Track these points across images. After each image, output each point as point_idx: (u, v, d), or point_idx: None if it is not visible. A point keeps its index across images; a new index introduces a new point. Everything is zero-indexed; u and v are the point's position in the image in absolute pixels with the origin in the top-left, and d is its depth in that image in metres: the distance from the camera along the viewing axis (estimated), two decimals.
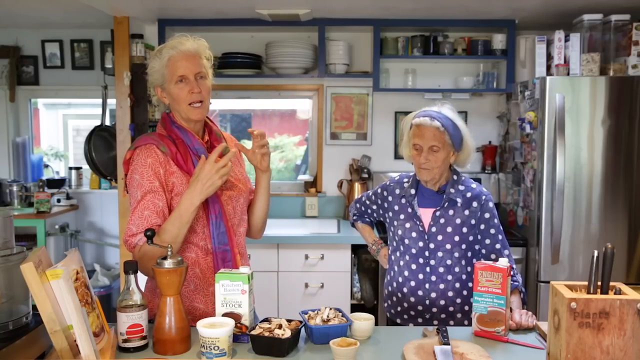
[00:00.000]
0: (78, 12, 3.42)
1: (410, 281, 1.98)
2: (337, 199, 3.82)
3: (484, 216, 1.96)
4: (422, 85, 3.69)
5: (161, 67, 1.66)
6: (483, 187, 2.03)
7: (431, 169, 1.92)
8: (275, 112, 4.47)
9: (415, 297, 1.98)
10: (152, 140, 1.67)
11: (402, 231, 2.01)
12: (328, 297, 3.20)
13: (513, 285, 1.87)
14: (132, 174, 1.64)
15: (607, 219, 2.94)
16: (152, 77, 1.71)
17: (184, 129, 1.70)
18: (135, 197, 1.62)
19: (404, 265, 2.01)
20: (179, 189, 1.65)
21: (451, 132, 1.90)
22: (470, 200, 1.96)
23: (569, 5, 3.06)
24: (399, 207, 2.05)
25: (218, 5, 3.18)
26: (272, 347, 1.43)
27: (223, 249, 1.68)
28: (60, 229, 3.92)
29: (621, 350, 1.21)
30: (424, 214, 1.99)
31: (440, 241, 1.95)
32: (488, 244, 1.96)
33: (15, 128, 4.14)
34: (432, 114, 1.91)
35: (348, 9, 3.28)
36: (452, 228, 1.94)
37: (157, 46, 3.50)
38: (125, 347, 1.44)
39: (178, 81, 1.65)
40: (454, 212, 1.95)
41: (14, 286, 1.39)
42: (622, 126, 2.91)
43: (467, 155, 1.98)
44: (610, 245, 1.27)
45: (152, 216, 1.60)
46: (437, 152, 1.90)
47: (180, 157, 1.66)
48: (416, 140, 1.93)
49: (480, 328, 1.61)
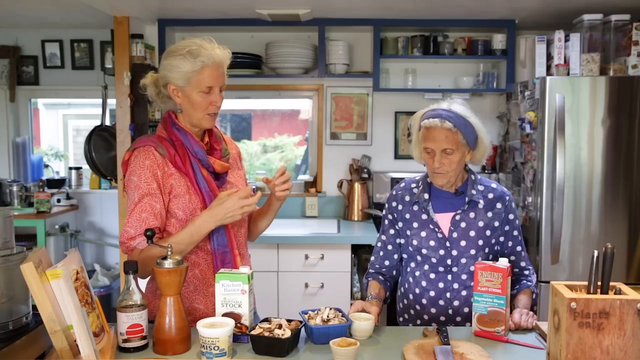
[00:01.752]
0: (78, 12, 3.42)
1: (429, 291, 1.85)
2: (337, 199, 3.82)
3: (509, 217, 1.86)
4: (422, 85, 3.69)
5: (191, 71, 1.60)
6: (503, 186, 1.93)
7: (446, 172, 1.79)
8: (275, 112, 4.47)
9: (437, 307, 1.84)
10: (150, 142, 1.65)
11: (418, 241, 1.86)
12: (328, 297, 3.20)
13: (525, 285, 1.84)
14: (129, 176, 1.64)
15: (607, 219, 2.94)
16: (171, 75, 1.63)
17: (184, 130, 1.68)
18: (132, 199, 1.62)
19: (421, 276, 1.86)
20: (178, 191, 1.64)
21: (464, 130, 1.76)
22: (494, 201, 1.85)
23: (569, 5, 3.06)
24: (411, 214, 1.89)
25: (218, 5, 3.18)
26: (272, 347, 1.43)
27: (222, 250, 1.67)
28: (60, 229, 3.91)
29: (621, 350, 1.21)
30: (441, 219, 1.85)
31: (463, 247, 1.82)
32: (510, 246, 1.88)
33: (15, 128, 4.14)
34: (442, 113, 1.76)
35: (348, 9, 3.28)
36: (475, 232, 1.82)
37: (157, 46, 3.55)
38: (125, 347, 1.44)
39: (204, 91, 1.63)
40: (476, 215, 1.83)
41: (14, 286, 1.38)
42: (622, 126, 2.91)
43: (483, 153, 1.85)
44: (610, 245, 1.27)
45: (150, 218, 1.60)
46: (450, 154, 1.76)
47: (179, 159, 1.65)
48: (427, 144, 1.79)
49: (480, 328, 1.61)
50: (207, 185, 1.66)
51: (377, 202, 3.72)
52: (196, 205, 1.65)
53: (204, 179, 1.66)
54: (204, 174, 1.67)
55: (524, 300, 1.80)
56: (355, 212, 3.67)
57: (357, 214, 3.67)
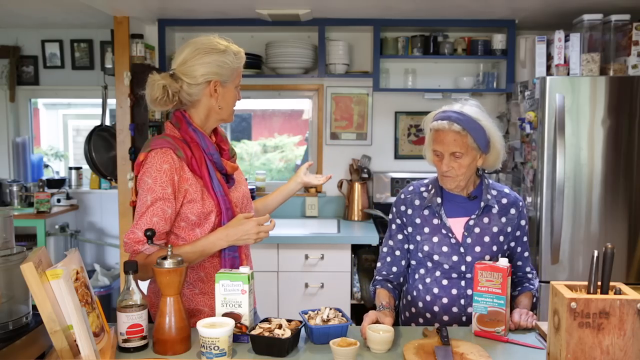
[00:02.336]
0: (78, 12, 3.42)
1: (442, 298, 1.80)
2: (337, 199, 3.82)
3: (521, 223, 1.84)
4: (422, 85, 3.69)
5: (237, 67, 1.67)
6: (513, 191, 1.90)
7: (454, 176, 1.75)
8: (275, 112, 4.47)
9: (450, 315, 1.80)
10: (169, 144, 1.60)
11: (430, 247, 1.80)
12: (328, 297, 3.20)
13: (527, 288, 1.83)
14: (143, 177, 1.58)
15: (607, 219, 2.94)
16: (221, 71, 1.63)
17: (200, 132, 1.65)
18: (144, 201, 1.57)
19: (432, 282, 1.81)
20: (192, 196, 1.61)
21: (474, 134, 1.71)
22: (508, 206, 1.81)
23: (569, 5, 3.06)
24: (422, 219, 1.83)
25: (218, 5, 3.18)
26: (272, 347, 1.44)
27: (232, 255, 1.67)
28: (60, 229, 3.92)
29: (621, 350, 1.21)
30: (453, 224, 1.80)
31: (478, 253, 1.77)
32: (519, 252, 1.86)
33: (15, 128, 4.14)
34: (451, 115, 1.71)
35: (348, 9, 3.28)
36: (489, 237, 1.78)
37: (157, 46, 3.55)
38: (125, 347, 1.44)
39: (238, 87, 1.70)
40: (490, 220, 1.79)
41: (14, 286, 1.39)
42: (622, 126, 2.91)
43: (496, 157, 1.80)
44: (610, 245, 1.27)
45: (160, 223, 1.57)
46: (460, 158, 1.72)
47: (195, 162, 1.62)
48: (436, 147, 1.75)
49: (480, 328, 1.61)
50: (222, 189, 1.65)
51: (377, 202, 3.72)
52: (210, 210, 1.63)
53: (219, 183, 1.65)
54: (218, 177, 1.66)
55: (525, 302, 1.79)
56: (355, 212, 3.67)
57: (357, 214, 3.67)
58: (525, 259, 1.88)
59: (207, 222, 1.63)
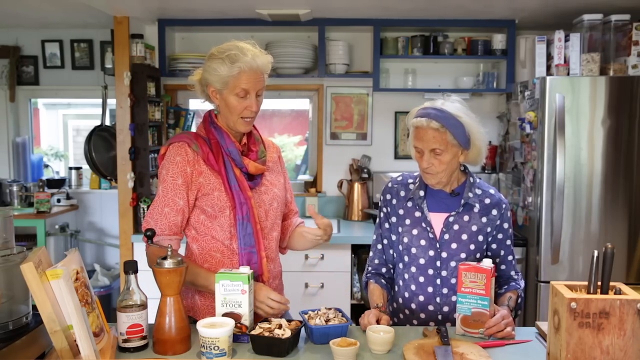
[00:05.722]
0: (78, 12, 3.42)
1: (419, 296, 1.80)
2: (337, 199, 3.82)
3: (503, 226, 1.82)
4: (422, 85, 3.69)
5: (228, 75, 1.64)
6: (500, 192, 1.87)
7: (435, 173, 1.74)
8: (275, 112, 4.47)
9: (426, 313, 1.80)
10: (186, 139, 1.70)
11: (409, 239, 1.81)
12: (328, 297, 3.20)
13: (513, 287, 1.80)
14: (161, 169, 1.70)
15: (607, 219, 2.94)
16: (210, 77, 1.67)
17: (221, 130, 1.72)
18: (158, 192, 1.69)
19: (410, 278, 1.81)
20: (207, 189, 1.67)
21: (453, 130, 1.69)
22: (490, 207, 1.80)
23: (569, 5, 3.06)
24: (404, 211, 1.84)
25: (218, 5, 3.18)
26: (272, 347, 1.44)
27: (249, 250, 1.69)
28: (60, 229, 3.91)
29: (621, 350, 1.21)
30: (434, 219, 1.80)
31: (453, 250, 1.77)
32: (502, 255, 1.83)
33: (15, 128, 4.14)
34: (431, 112, 1.70)
35: (348, 9, 3.28)
36: (467, 235, 1.77)
37: (157, 46, 3.55)
38: (125, 347, 1.44)
39: (239, 95, 1.66)
40: (470, 218, 1.78)
41: (14, 286, 1.38)
42: (622, 126, 2.91)
43: (477, 153, 1.78)
44: (610, 245, 1.27)
45: (172, 214, 1.66)
46: (440, 154, 1.71)
47: (212, 157, 1.69)
48: (416, 143, 1.75)
49: (464, 329, 1.60)
50: (237, 184, 1.68)
51: (376, 202, 3.72)
52: (225, 203, 1.68)
53: (235, 178, 1.68)
54: (236, 174, 1.69)
55: (513, 298, 1.74)
56: (355, 212, 3.67)
57: (357, 214, 3.67)
58: (509, 262, 1.84)
59: (222, 216, 1.68)
